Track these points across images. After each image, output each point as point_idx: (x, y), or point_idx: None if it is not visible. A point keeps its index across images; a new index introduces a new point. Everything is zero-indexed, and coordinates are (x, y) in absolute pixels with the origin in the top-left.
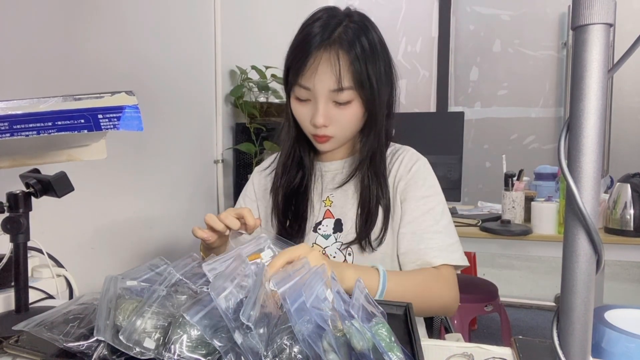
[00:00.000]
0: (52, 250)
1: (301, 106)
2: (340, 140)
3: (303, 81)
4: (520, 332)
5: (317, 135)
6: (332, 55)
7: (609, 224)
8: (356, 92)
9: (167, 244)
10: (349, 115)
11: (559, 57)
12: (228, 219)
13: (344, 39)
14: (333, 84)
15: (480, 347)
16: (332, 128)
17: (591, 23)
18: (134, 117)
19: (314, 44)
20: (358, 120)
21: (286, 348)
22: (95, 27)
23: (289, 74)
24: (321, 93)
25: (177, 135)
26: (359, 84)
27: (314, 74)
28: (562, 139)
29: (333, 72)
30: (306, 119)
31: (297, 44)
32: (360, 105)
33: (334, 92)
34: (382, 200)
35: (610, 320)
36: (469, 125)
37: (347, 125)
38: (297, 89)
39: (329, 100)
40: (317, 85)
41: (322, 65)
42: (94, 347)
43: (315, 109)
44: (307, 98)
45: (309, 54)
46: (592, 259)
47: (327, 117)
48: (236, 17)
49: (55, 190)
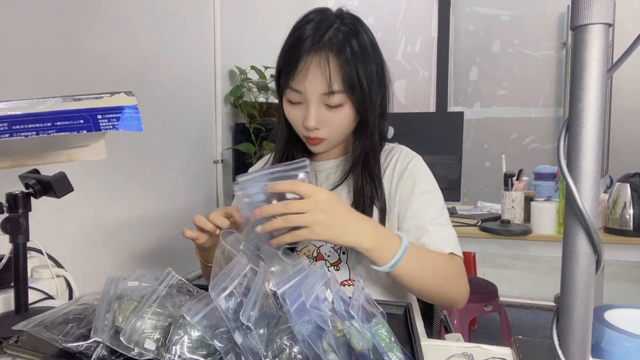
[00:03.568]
0: (52, 250)
1: (293, 109)
2: (332, 142)
3: (294, 84)
4: (520, 332)
5: (309, 137)
6: (322, 59)
7: (608, 224)
8: (347, 96)
9: (167, 244)
10: (340, 118)
11: (559, 57)
12: (217, 219)
13: (334, 43)
14: (323, 87)
15: (480, 347)
16: (324, 130)
17: (590, 23)
18: (134, 117)
19: (305, 48)
20: (350, 122)
21: (286, 348)
22: (95, 27)
23: (281, 76)
24: (312, 96)
25: (176, 135)
26: (349, 87)
27: (305, 78)
28: (561, 138)
29: (323, 76)
30: (298, 121)
31: (288, 47)
32: (351, 108)
33: (324, 96)
34: (377, 201)
35: (610, 320)
36: (468, 125)
37: (339, 127)
38: (289, 92)
39: (320, 103)
40: (308, 89)
41: (313, 69)
42: (93, 347)
43: (306, 112)
44: (298, 101)
45: (299, 57)
46: (592, 259)
47: (319, 120)
48: (236, 17)
49: (54, 191)
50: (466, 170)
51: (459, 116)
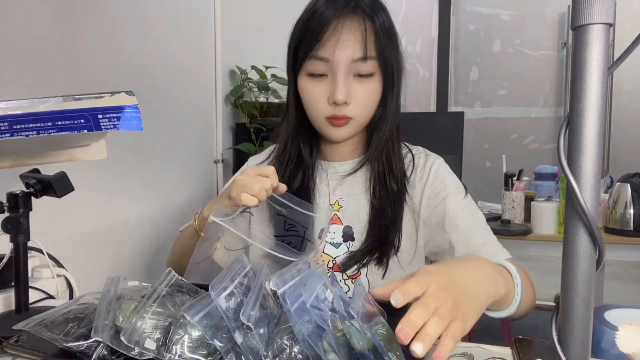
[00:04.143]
0: (52, 250)
1: (315, 84)
2: (357, 125)
3: (320, 52)
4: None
5: (336, 116)
6: (356, 21)
7: (609, 224)
8: (379, 64)
9: (167, 244)
10: (369, 91)
11: (559, 56)
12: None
13: (367, 7)
14: (357, 51)
15: (480, 347)
16: (352, 107)
17: (591, 23)
18: (134, 117)
19: (332, 12)
20: (377, 98)
21: (286, 348)
22: (95, 28)
23: (299, 49)
24: (342, 64)
25: (177, 135)
26: (382, 57)
27: (336, 43)
28: (561, 134)
29: (357, 39)
30: (321, 98)
31: (310, 15)
32: (380, 82)
33: (356, 63)
34: (399, 205)
35: (610, 320)
36: (468, 125)
37: (368, 103)
38: (312, 63)
39: (350, 72)
40: (339, 55)
41: (345, 32)
42: (94, 347)
43: (334, 83)
44: (323, 72)
45: (327, 21)
46: (593, 258)
47: (348, 93)
48: (236, 17)
49: (55, 190)
50: (466, 170)
51: (459, 116)
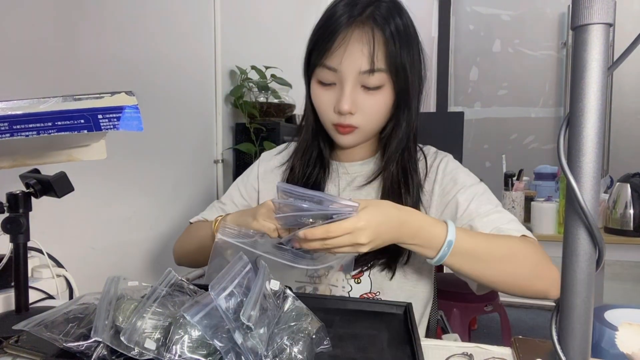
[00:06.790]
0: (52, 250)
1: (324, 91)
2: (364, 134)
3: (328, 61)
4: (520, 332)
5: (341, 124)
6: (365, 32)
7: (608, 224)
8: (388, 76)
9: (167, 244)
10: (377, 103)
11: (559, 56)
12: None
13: (378, 16)
14: (364, 64)
15: (480, 347)
16: (357, 117)
17: (591, 23)
18: (134, 117)
19: (344, 21)
20: (387, 110)
21: (286, 348)
22: (95, 27)
23: (312, 55)
24: (349, 75)
25: (176, 135)
26: (392, 67)
27: (343, 53)
28: (561, 133)
29: (365, 51)
30: (328, 105)
31: (324, 22)
32: (390, 93)
33: (363, 75)
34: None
35: (610, 320)
36: (468, 125)
37: (375, 115)
38: (321, 70)
39: (357, 83)
40: (345, 66)
41: (353, 43)
42: (94, 347)
43: (340, 93)
44: (331, 81)
45: (337, 31)
46: (593, 258)
47: (354, 103)
48: (236, 17)
49: (55, 191)
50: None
51: (459, 116)
